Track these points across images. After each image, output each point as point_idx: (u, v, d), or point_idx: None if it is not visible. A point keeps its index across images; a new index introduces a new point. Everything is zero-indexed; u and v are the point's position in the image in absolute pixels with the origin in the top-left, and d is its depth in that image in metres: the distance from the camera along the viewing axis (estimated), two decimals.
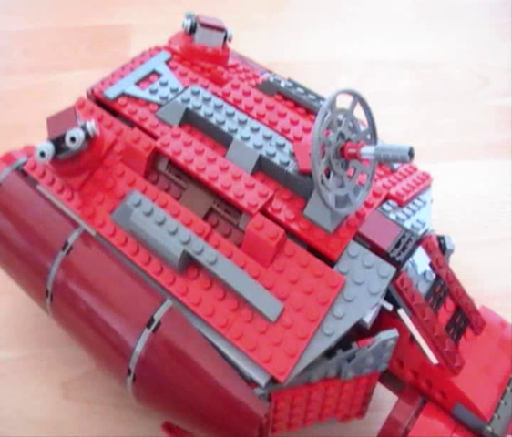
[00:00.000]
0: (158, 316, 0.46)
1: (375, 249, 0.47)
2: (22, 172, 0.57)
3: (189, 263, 0.47)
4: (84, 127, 0.51)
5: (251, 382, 0.44)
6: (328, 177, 0.47)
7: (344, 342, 0.46)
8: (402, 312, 0.47)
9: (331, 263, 0.47)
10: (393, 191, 0.53)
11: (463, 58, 1.05)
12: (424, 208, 0.55)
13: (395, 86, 1.00)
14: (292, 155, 0.52)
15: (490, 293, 0.68)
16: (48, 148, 0.50)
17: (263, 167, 0.51)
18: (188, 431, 0.50)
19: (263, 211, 0.49)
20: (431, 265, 0.48)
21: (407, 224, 0.50)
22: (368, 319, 0.45)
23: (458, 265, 0.54)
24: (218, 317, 0.45)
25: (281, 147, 0.52)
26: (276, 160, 0.51)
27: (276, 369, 0.43)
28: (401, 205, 0.52)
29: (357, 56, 1.05)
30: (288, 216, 0.49)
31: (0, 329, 0.67)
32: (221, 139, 0.53)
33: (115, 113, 0.58)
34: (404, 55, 1.06)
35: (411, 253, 0.47)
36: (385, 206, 0.51)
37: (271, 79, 0.63)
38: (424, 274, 0.49)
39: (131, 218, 0.49)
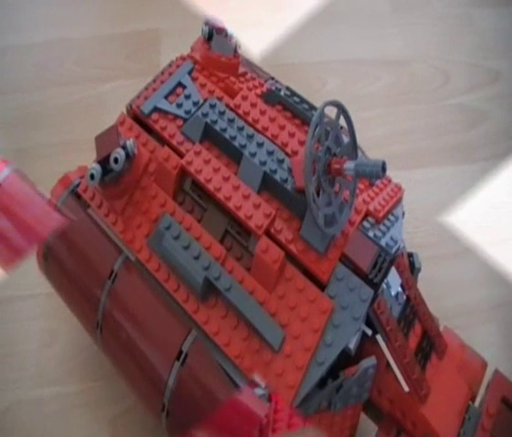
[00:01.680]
0: (185, 348, 0.47)
1: (357, 271, 0.46)
2: (76, 194, 0.56)
3: (210, 290, 0.48)
4: (124, 147, 0.51)
5: (252, 382, 0.45)
6: (318, 194, 0.46)
7: (334, 372, 0.46)
8: (379, 338, 0.46)
9: (323, 285, 0.47)
10: (371, 207, 0.52)
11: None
12: (397, 223, 0.53)
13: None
14: (290, 171, 0.50)
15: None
16: (97, 170, 0.50)
17: (267, 185, 0.50)
18: None
19: (267, 232, 0.48)
20: (401, 286, 0.48)
21: (383, 242, 0.49)
22: (352, 345, 0.45)
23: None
24: (232, 347, 0.46)
25: (281, 162, 0.51)
26: (277, 177, 0.49)
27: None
28: (378, 221, 0.51)
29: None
30: (287, 237, 0.48)
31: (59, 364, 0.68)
32: (234, 155, 0.52)
33: (149, 129, 0.57)
34: (377, 54, 1.05)
35: (386, 274, 0.46)
36: (365, 223, 0.50)
37: (274, 88, 0.62)
38: (397, 296, 0.49)
39: (163, 242, 0.49)
